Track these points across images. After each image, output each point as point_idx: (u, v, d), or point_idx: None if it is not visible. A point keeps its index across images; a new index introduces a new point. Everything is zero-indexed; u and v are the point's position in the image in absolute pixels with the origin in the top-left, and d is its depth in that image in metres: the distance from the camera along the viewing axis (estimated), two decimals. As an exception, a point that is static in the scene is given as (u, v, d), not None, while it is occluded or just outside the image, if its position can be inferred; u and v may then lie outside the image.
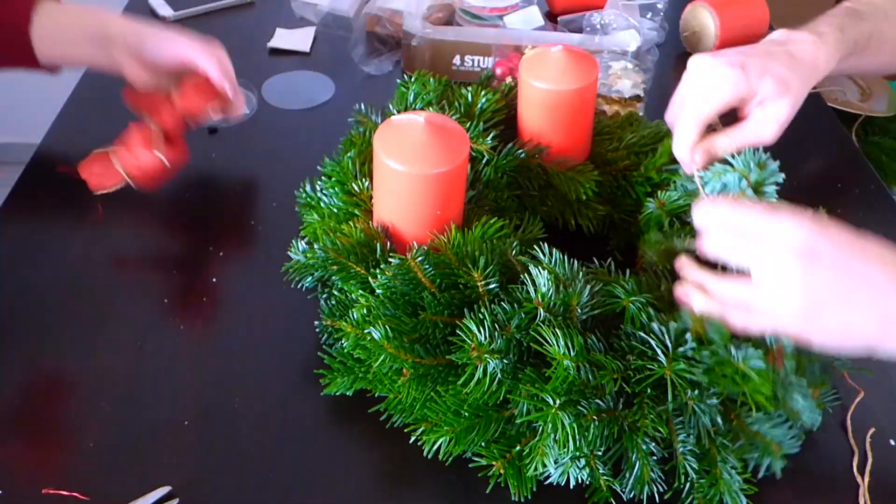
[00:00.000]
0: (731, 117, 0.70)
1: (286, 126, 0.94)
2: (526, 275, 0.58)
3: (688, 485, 0.56)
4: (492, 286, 0.58)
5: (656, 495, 0.56)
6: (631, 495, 0.57)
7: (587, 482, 0.57)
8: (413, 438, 0.60)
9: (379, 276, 0.59)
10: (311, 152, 0.79)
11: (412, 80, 0.79)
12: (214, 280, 0.74)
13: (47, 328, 0.69)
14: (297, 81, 1.03)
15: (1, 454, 0.59)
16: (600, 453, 0.55)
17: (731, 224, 0.54)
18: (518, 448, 0.57)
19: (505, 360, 0.55)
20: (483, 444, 0.57)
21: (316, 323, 0.66)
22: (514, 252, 0.62)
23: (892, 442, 0.63)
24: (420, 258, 0.59)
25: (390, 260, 0.60)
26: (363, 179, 0.69)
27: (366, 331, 0.58)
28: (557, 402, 0.53)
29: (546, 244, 0.60)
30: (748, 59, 0.68)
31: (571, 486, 0.57)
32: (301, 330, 0.69)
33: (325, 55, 1.08)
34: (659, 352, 0.55)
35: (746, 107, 0.69)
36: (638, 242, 0.72)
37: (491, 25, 1.03)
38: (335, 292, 0.65)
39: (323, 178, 0.73)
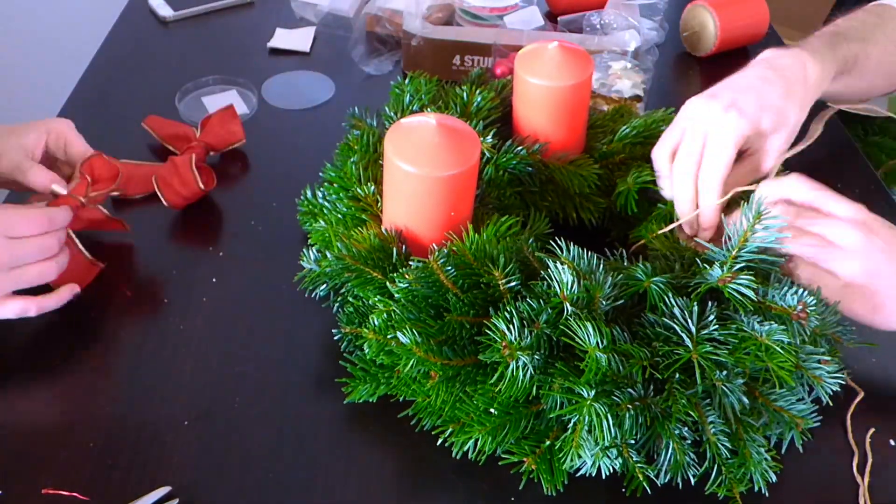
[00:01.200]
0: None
1: (286, 126, 0.94)
2: (547, 270, 0.58)
3: (716, 466, 0.57)
4: (513, 284, 0.58)
5: (691, 479, 0.57)
6: (665, 480, 0.57)
7: (619, 472, 0.57)
8: (416, 437, 0.60)
9: (398, 281, 0.59)
10: (311, 152, 0.79)
11: (406, 81, 0.79)
12: (214, 280, 0.74)
13: (47, 327, 0.69)
14: (297, 81, 1.03)
15: (1, 454, 0.59)
16: (632, 442, 0.56)
17: (799, 198, 0.63)
18: (548, 442, 0.57)
19: (536, 356, 0.55)
20: (513, 440, 0.58)
21: (334, 331, 0.66)
22: (529, 248, 0.62)
23: (892, 442, 0.63)
24: (442, 260, 0.59)
25: (409, 263, 0.60)
26: (368, 184, 0.68)
27: (390, 336, 0.58)
28: (591, 394, 0.54)
29: (562, 239, 0.61)
30: (741, 97, 0.66)
31: (603, 477, 0.57)
32: (301, 329, 0.69)
33: (325, 55, 1.08)
34: (684, 336, 0.56)
35: (748, 143, 0.69)
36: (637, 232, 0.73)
37: (491, 25, 1.03)
38: (350, 299, 0.65)
39: (325, 184, 0.72)
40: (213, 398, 0.64)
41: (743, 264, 0.59)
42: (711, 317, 0.57)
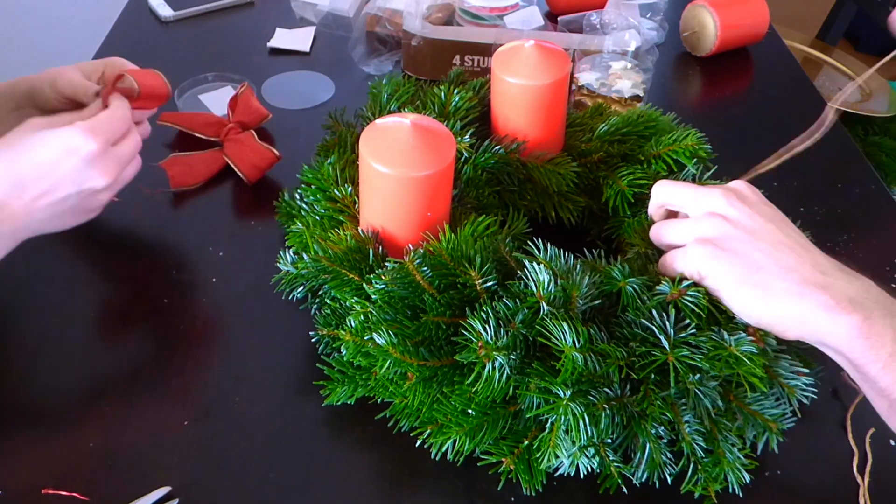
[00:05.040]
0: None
1: (286, 126, 0.94)
2: (524, 270, 0.58)
3: (692, 465, 0.57)
4: (490, 284, 0.58)
5: (668, 478, 0.57)
6: (642, 479, 0.57)
7: (597, 471, 0.57)
8: (415, 439, 0.60)
9: (375, 282, 0.59)
10: (310, 152, 0.79)
11: (384, 81, 0.79)
12: (214, 280, 0.74)
13: (47, 327, 0.69)
14: (297, 81, 1.03)
15: (1, 454, 0.59)
16: (609, 441, 0.56)
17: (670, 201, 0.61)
18: (526, 443, 0.57)
19: (512, 356, 0.55)
20: (491, 441, 0.57)
21: (311, 333, 0.66)
22: (507, 248, 0.62)
23: (892, 442, 0.63)
24: (418, 261, 0.59)
25: (385, 265, 0.60)
26: (345, 185, 0.68)
27: (367, 337, 0.58)
28: (567, 393, 0.54)
29: (539, 239, 0.60)
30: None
31: (582, 476, 0.57)
32: (301, 330, 0.69)
33: (325, 55, 1.08)
34: (661, 338, 0.56)
35: None
36: (620, 226, 0.73)
37: (491, 25, 1.03)
38: (327, 301, 0.65)
39: (303, 185, 0.72)
40: (213, 398, 0.64)
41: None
42: (689, 321, 0.56)
